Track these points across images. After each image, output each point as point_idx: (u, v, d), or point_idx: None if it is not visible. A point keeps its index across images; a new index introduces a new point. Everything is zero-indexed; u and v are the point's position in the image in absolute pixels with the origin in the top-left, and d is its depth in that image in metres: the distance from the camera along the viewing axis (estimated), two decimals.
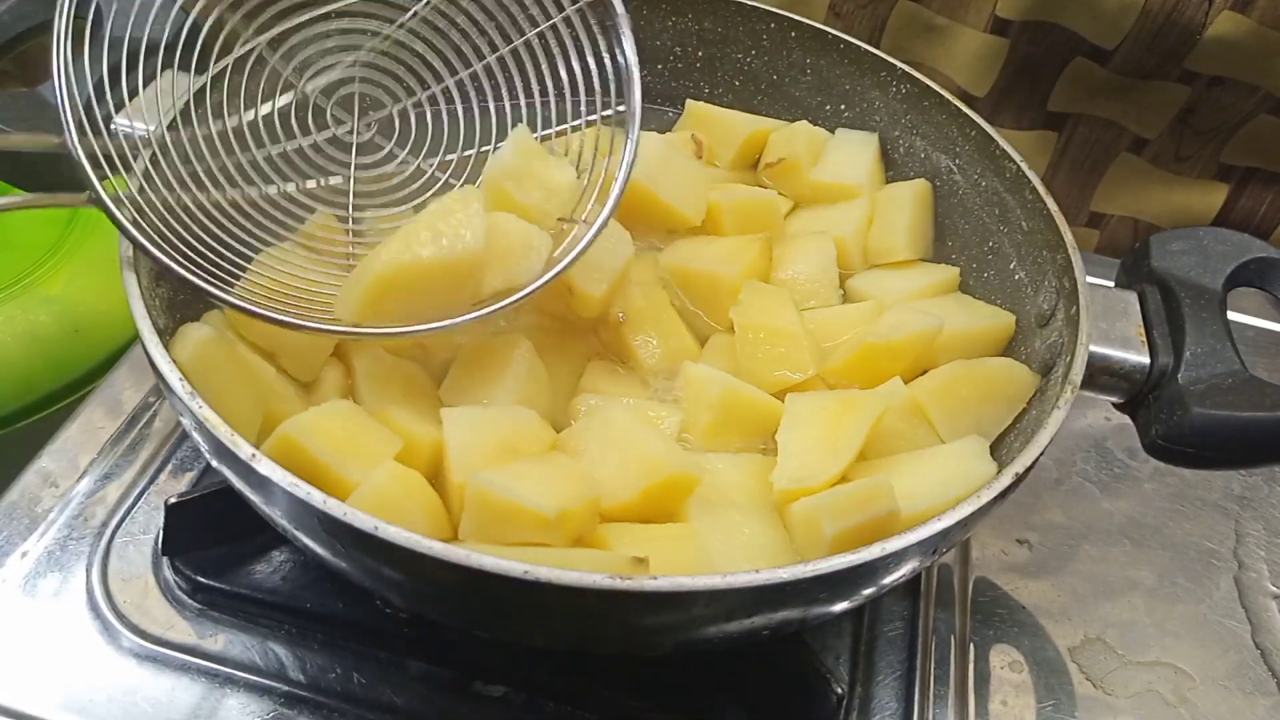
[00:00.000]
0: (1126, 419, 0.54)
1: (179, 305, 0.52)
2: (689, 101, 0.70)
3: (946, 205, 0.65)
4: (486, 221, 0.49)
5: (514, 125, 0.58)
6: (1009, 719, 0.54)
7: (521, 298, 0.50)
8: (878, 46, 0.66)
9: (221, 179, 0.53)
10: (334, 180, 0.57)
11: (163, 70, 0.53)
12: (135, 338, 0.46)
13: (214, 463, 0.45)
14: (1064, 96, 0.78)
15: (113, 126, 0.50)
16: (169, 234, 0.49)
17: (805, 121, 0.68)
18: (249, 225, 0.52)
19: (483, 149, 0.59)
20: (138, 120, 0.52)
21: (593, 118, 0.56)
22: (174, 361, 0.44)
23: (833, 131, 0.68)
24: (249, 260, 0.51)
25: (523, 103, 0.58)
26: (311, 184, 0.56)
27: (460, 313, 0.49)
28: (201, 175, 0.52)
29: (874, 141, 0.67)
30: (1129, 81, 0.76)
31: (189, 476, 0.60)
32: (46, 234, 0.72)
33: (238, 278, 0.50)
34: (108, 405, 0.63)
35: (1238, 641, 0.59)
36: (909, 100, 0.65)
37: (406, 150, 0.58)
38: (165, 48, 0.53)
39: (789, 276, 0.61)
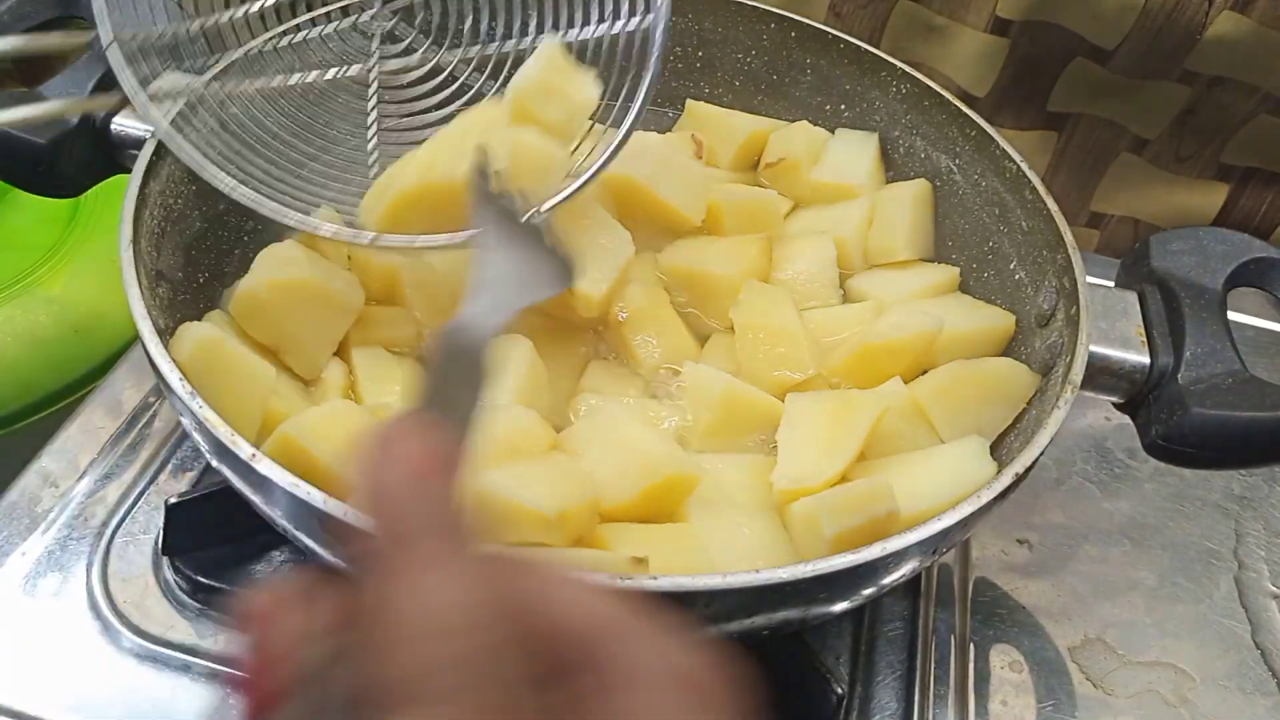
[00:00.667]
0: (1126, 419, 0.54)
1: (179, 305, 0.52)
2: (689, 101, 0.70)
3: (946, 205, 0.65)
4: (510, 139, 0.50)
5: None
6: (1009, 719, 0.54)
7: (546, 210, 0.51)
8: (878, 46, 0.66)
9: (245, 74, 0.53)
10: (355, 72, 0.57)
11: None
12: (135, 338, 0.46)
13: (214, 463, 0.45)
14: (1064, 96, 0.78)
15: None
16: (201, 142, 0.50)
17: (805, 121, 0.68)
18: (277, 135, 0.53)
19: (504, 47, 0.58)
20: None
21: (614, 29, 0.55)
22: (174, 361, 0.44)
23: (833, 131, 0.68)
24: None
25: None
26: (334, 73, 0.57)
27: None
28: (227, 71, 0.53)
29: (874, 141, 0.67)
30: (1129, 82, 0.76)
31: (189, 476, 0.60)
32: (47, 234, 0.72)
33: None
34: (108, 405, 0.63)
35: (1238, 641, 0.59)
36: (909, 100, 0.65)
37: (430, 41, 0.59)
38: None
39: (789, 277, 0.61)
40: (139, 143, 0.53)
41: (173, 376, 0.43)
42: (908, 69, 0.64)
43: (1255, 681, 0.57)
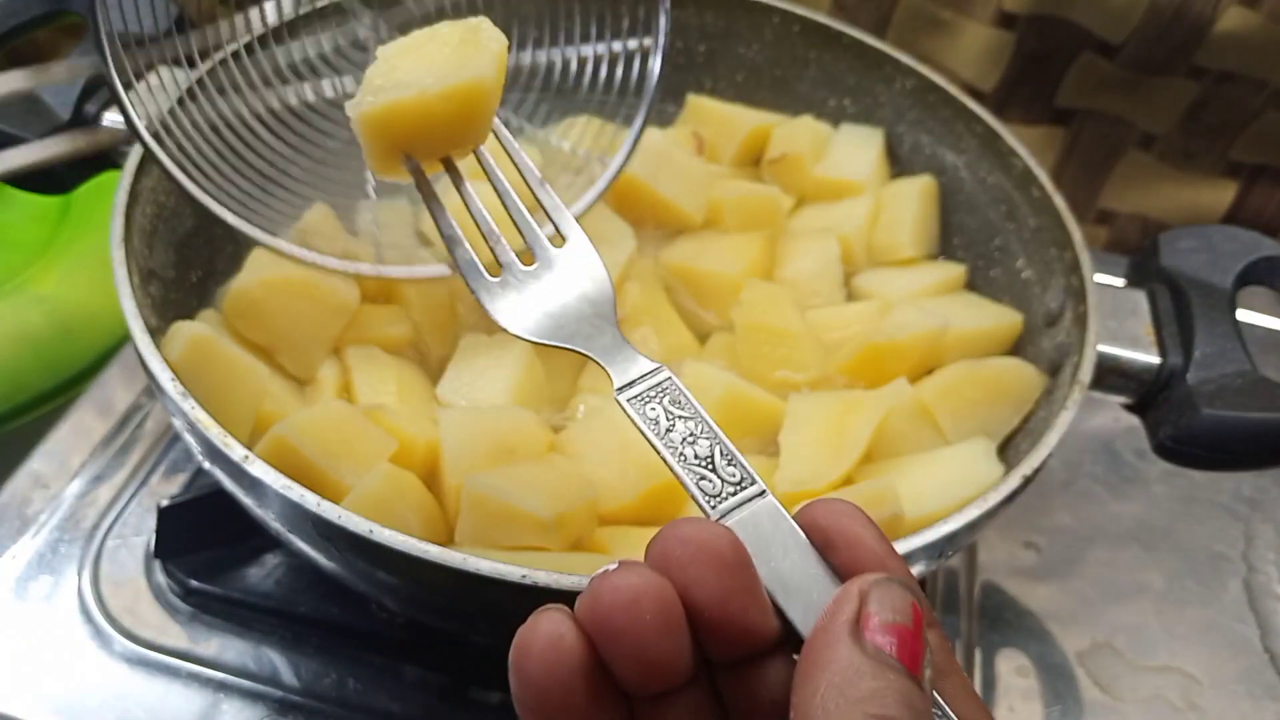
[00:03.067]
0: (1135, 420, 0.54)
1: (171, 304, 0.51)
2: (690, 96, 0.69)
3: (952, 202, 0.64)
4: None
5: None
6: None
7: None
8: (882, 40, 0.65)
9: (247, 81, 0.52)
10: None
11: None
12: (127, 337, 0.46)
13: (206, 465, 0.44)
14: (1071, 92, 0.78)
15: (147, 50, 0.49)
16: (205, 168, 0.49)
17: (809, 117, 0.67)
18: (280, 142, 0.51)
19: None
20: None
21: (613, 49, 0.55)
22: (165, 361, 0.43)
23: (836, 127, 0.67)
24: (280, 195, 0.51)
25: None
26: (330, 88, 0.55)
27: None
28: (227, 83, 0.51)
29: (879, 137, 0.66)
30: (1137, 77, 0.75)
31: (181, 478, 0.59)
32: (37, 232, 0.71)
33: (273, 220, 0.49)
34: (99, 406, 0.62)
35: (1247, 646, 0.59)
36: (914, 95, 0.64)
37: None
38: None
39: (792, 275, 0.60)
40: (130, 139, 0.53)
41: (164, 377, 0.42)
42: (913, 63, 0.63)
43: (1265, 686, 0.57)
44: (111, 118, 0.55)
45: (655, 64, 0.53)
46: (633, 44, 0.55)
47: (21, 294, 0.66)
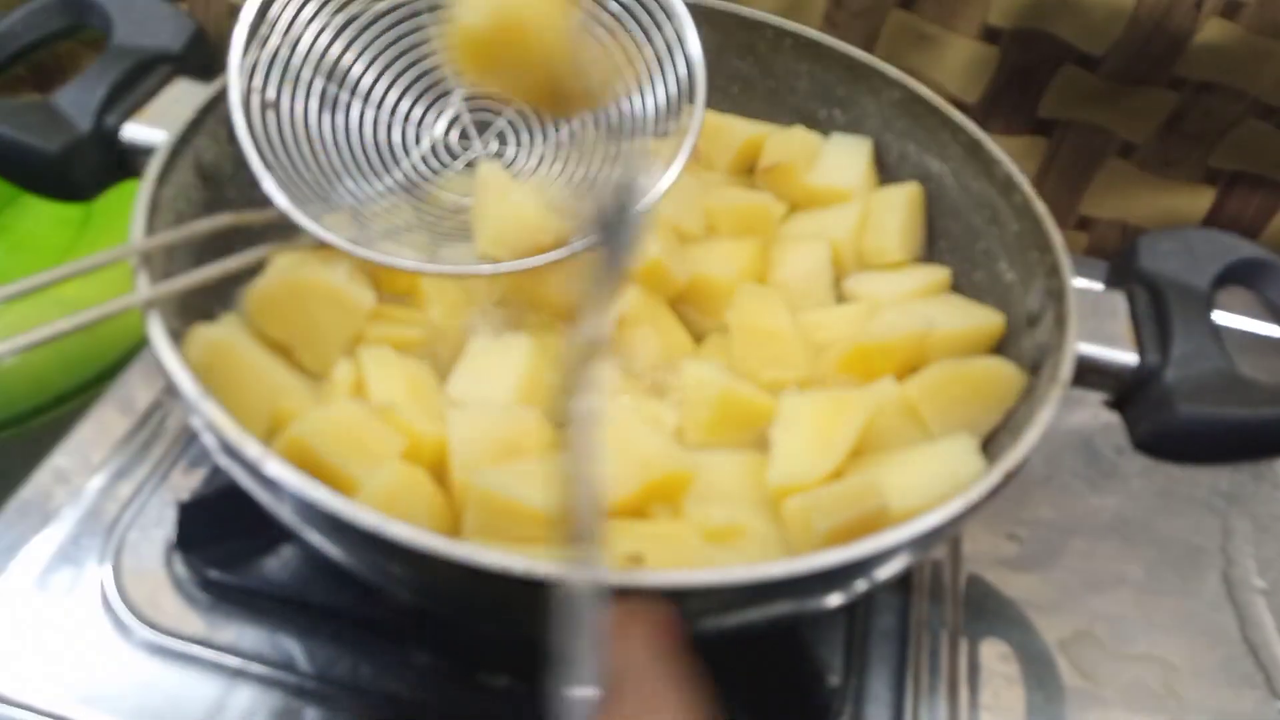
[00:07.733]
0: (1114, 417, 0.55)
1: (191, 306, 0.53)
2: (686, 106, 0.71)
3: (938, 208, 0.65)
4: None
5: None
6: (1000, 710, 0.55)
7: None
8: (871, 54, 0.67)
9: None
10: None
11: None
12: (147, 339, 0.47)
13: (222, 462, 0.46)
14: (1054, 103, 0.79)
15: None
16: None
17: (800, 127, 0.69)
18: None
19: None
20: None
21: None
22: (183, 363, 0.45)
23: (827, 136, 0.69)
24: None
25: None
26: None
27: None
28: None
29: (867, 146, 0.67)
30: (1118, 88, 0.77)
31: (200, 473, 0.61)
32: (60, 235, 0.72)
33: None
34: (121, 404, 0.64)
35: (1225, 635, 0.60)
36: (901, 106, 0.65)
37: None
38: None
39: (784, 278, 0.62)
40: (150, 149, 0.55)
41: (181, 378, 0.44)
42: (899, 76, 0.65)
43: (1242, 674, 0.59)
44: (132, 129, 0.57)
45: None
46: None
47: (45, 296, 0.67)
